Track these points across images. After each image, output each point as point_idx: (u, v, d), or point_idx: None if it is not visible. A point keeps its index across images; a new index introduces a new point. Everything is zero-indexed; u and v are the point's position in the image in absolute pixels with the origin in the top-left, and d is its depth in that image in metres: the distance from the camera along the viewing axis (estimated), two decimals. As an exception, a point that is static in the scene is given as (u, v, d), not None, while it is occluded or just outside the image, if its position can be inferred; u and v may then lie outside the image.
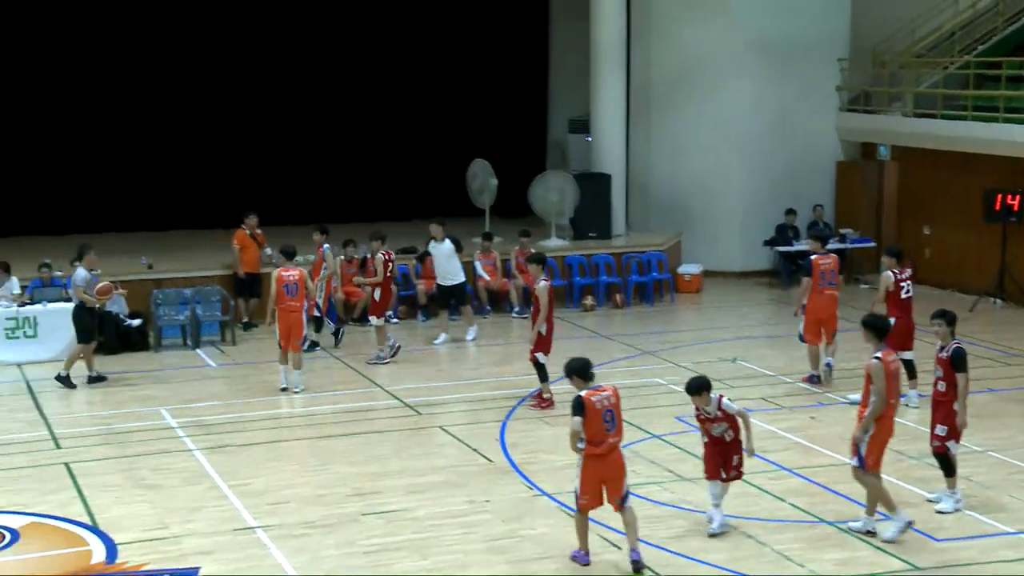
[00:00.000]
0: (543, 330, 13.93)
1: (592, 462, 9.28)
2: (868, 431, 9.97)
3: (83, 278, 15.25)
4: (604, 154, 21.92)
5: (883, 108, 22.48)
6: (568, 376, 9.54)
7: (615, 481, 9.37)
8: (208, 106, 23.40)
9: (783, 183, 22.63)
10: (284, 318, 14.78)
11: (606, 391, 9.33)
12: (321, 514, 10.72)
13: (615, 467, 9.36)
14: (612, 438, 9.30)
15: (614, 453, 9.34)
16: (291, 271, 14.92)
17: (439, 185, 23.52)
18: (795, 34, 22.42)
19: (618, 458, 9.39)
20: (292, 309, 14.80)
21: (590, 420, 9.19)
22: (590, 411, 9.18)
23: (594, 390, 9.32)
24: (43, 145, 22.56)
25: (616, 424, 9.32)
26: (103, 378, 15.41)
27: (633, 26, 22.61)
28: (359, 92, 24.44)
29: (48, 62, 22.36)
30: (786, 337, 17.78)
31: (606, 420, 9.23)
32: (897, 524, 9.99)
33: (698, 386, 10.07)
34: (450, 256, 17.44)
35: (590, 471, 9.31)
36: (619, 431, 9.37)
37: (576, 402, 9.27)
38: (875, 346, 10.15)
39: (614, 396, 9.34)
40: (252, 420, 13.79)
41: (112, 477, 11.79)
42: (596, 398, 9.25)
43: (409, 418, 13.83)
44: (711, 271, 22.24)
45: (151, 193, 23.12)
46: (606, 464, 9.30)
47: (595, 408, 9.20)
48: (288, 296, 14.80)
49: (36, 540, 10.23)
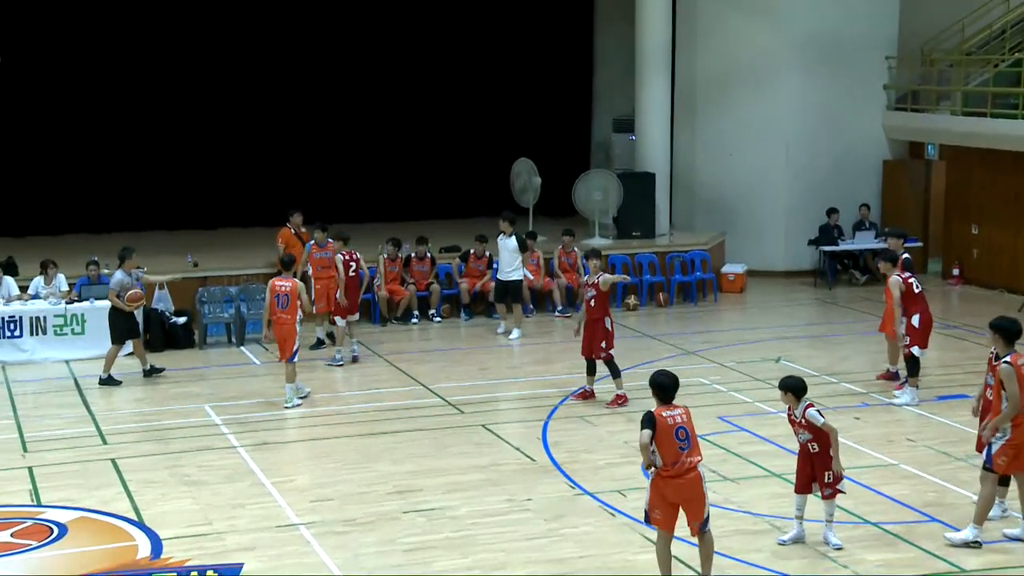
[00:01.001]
0: (609, 325, 13.92)
1: (662, 482, 8.76)
2: (1005, 435, 9.75)
3: (118, 282, 15.32)
4: (648, 153, 21.85)
5: (931, 107, 22.21)
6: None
7: (692, 503, 8.80)
8: (256, 105, 23.56)
9: (829, 183, 22.43)
10: (276, 330, 14.14)
11: (678, 409, 8.84)
12: (362, 511, 10.76)
13: (692, 488, 8.77)
14: (687, 458, 8.73)
15: (690, 474, 8.76)
16: (285, 281, 14.19)
17: (485, 184, 23.54)
18: (842, 33, 22.23)
19: (693, 480, 8.76)
20: (282, 321, 14.06)
21: (662, 438, 8.67)
22: (663, 427, 8.70)
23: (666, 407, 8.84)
24: (93, 144, 22.82)
25: (691, 443, 8.76)
26: (160, 369, 15.57)
27: (679, 26, 22.52)
28: (407, 91, 24.52)
29: (100, 62, 22.61)
30: (830, 337, 17.65)
31: (679, 438, 8.72)
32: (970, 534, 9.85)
33: (787, 385, 9.75)
34: (512, 252, 17.97)
35: (662, 492, 8.79)
36: (695, 452, 8.79)
37: (646, 416, 8.76)
38: (1003, 349, 9.87)
39: (685, 414, 8.85)
40: (295, 417, 13.87)
41: (157, 473, 11.90)
42: (667, 414, 8.77)
43: (451, 416, 13.85)
44: (755, 271, 22.09)
45: (197, 191, 23.33)
46: (680, 486, 8.73)
47: (667, 425, 8.70)
48: (278, 308, 14.05)
49: (83, 535, 10.35)
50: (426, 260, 19.21)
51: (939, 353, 16.22)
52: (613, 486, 11.34)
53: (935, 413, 13.66)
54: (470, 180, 24.33)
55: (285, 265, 14.71)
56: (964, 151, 21.59)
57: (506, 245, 18.00)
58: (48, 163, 22.62)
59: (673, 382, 8.96)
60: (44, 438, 13.11)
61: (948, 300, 20.68)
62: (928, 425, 13.28)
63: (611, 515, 10.63)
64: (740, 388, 14.84)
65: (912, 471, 11.69)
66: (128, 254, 15.54)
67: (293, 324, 14.08)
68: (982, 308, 19.45)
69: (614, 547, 9.93)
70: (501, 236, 18.12)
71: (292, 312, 14.06)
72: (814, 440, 9.74)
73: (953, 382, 14.61)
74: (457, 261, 19.55)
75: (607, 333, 13.92)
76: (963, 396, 14.21)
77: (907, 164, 22.99)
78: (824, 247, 21.70)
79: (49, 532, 10.38)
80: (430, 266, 19.23)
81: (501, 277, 18.10)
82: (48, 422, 13.78)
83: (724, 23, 22.38)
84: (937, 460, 12.05)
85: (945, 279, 22.12)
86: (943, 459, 12.06)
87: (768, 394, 14.42)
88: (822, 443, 9.72)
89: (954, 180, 22.32)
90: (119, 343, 15.44)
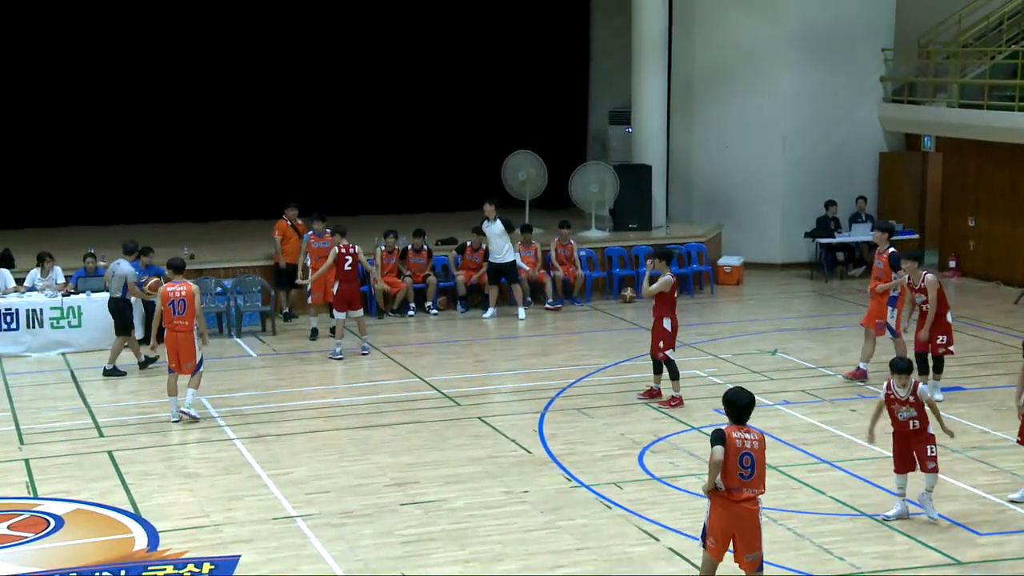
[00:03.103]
0: (668, 325, 13.54)
1: (718, 506, 8.23)
2: None
3: (132, 273, 15.40)
4: (645, 145, 21.84)
5: (928, 99, 22.21)
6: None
7: (745, 535, 8.23)
8: (252, 97, 23.52)
9: (825, 175, 22.43)
10: (171, 338, 13.17)
11: (751, 434, 8.26)
12: (359, 504, 10.77)
13: (747, 520, 8.23)
14: (748, 488, 8.18)
15: (747, 504, 8.20)
16: (178, 286, 13.21)
17: (481, 176, 23.49)
18: (839, 24, 22.20)
19: (750, 512, 8.22)
20: (179, 328, 13.11)
21: (726, 458, 8.16)
22: (729, 447, 8.15)
23: (738, 427, 8.28)
24: (90, 137, 22.78)
25: (756, 473, 8.18)
26: (154, 358, 15.41)
27: (675, 17, 22.50)
28: (403, 84, 24.48)
29: (98, 55, 22.54)
30: (827, 330, 17.66)
31: (742, 465, 8.16)
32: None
33: (900, 368, 10.18)
34: (501, 235, 18.33)
35: (715, 516, 8.27)
36: (758, 483, 8.22)
37: (716, 433, 8.28)
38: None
39: (758, 442, 8.24)
40: (292, 410, 13.87)
41: (154, 465, 11.90)
42: (737, 435, 8.20)
43: (448, 409, 13.86)
44: (752, 263, 22.10)
45: (194, 184, 23.28)
46: (735, 515, 8.20)
47: (734, 447, 8.16)
48: (174, 315, 13.13)
49: (80, 527, 10.35)
50: (423, 252, 19.21)
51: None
52: (610, 478, 11.35)
53: (931, 405, 13.65)
54: (466, 172, 24.28)
55: (176, 268, 13.55)
56: (961, 143, 21.59)
57: (493, 230, 18.37)
58: (45, 155, 22.57)
59: (746, 401, 8.35)
60: (41, 430, 13.11)
61: (945, 292, 20.62)
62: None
63: (608, 507, 10.64)
64: (737, 380, 14.79)
65: (908, 463, 11.71)
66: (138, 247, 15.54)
67: (191, 332, 13.16)
68: (979, 300, 19.49)
69: (611, 539, 9.95)
70: (486, 222, 18.44)
71: (189, 318, 13.13)
72: (917, 417, 10.12)
73: (949, 374, 14.61)
74: (454, 253, 19.55)
75: (664, 333, 13.59)
76: (958, 388, 14.28)
77: (904, 156, 22.99)
78: (821, 239, 21.71)
79: (46, 524, 10.38)
80: (427, 258, 19.23)
81: (493, 260, 18.44)
82: (45, 414, 13.78)
83: (721, 14, 22.35)
84: (933, 452, 12.06)
85: (942, 271, 22.11)
86: (940, 451, 12.06)
87: (764, 386, 14.44)
88: (923, 420, 10.12)
89: (951, 172, 22.32)
90: (125, 334, 15.40)
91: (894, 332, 14.46)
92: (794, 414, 13.47)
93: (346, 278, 16.21)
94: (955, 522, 10.18)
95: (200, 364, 13.31)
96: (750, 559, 8.28)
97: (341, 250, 16.20)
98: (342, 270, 16.18)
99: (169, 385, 13.29)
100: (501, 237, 18.36)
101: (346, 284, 16.21)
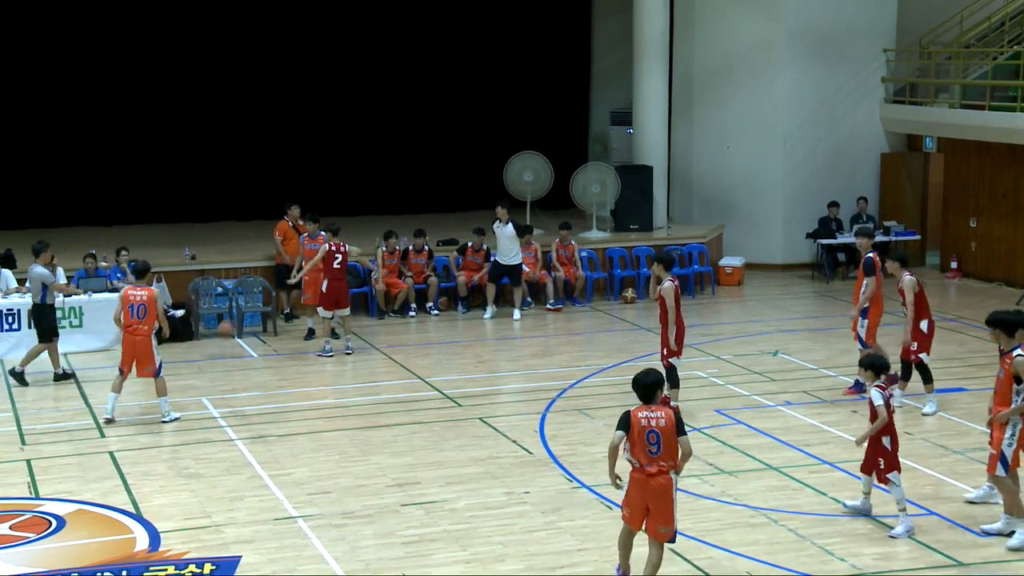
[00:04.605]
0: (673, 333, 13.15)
1: (634, 480, 8.74)
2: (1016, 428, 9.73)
3: (48, 275, 15.05)
4: (646, 146, 21.83)
5: (929, 99, 22.20)
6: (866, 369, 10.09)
7: (657, 508, 8.68)
8: (254, 98, 23.52)
9: (826, 175, 22.44)
10: (127, 341, 13.18)
11: (658, 412, 8.67)
12: (361, 504, 10.77)
13: (657, 494, 8.65)
14: (653, 463, 8.61)
15: (658, 479, 8.64)
16: (139, 291, 13.22)
17: (482, 177, 23.51)
18: (840, 24, 22.21)
19: (661, 486, 8.64)
20: (138, 332, 13.11)
21: (634, 438, 8.63)
22: (635, 427, 8.63)
23: (646, 407, 8.70)
24: (92, 138, 22.77)
25: (661, 449, 8.60)
26: (69, 375, 15.16)
27: (677, 17, 22.50)
28: (404, 84, 24.48)
29: (91, 55, 22.55)
30: (828, 331, 17.66)
31: (649, 441, 8.61)
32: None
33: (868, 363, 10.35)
34: (512, 238, 18.56)
35: (632, 489, 8.77)
36: (667, 457, 8.63)
37: (622, 417, 8.74)
38: (1007, 343, 9.89)
39: (666, 419, 8.64)
40: (293, 410, 13.88)
41: (155, 466, 11.91)
42: (643, 414, 8.66)
43: (449, 409, 13.86)
44: (753, 264, 22.10)
45: (196, 184, 23.28)
46: (648, 488, 8.66)
47: (640, 426, 8.62)
48: (134, 317, 13.12)
49: (81, 528, 10.36)
50: (424, 253, 19.22)
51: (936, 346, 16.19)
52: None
53: (932, 406, 13.65)
54: (467, 173, 24.30)
55: (138, 273, 13.59)
56: (962, 144, 21.59)
57: (504, 232, 18.48)
58: (46, 156, 22.56)
59: (651, 380, 8.76)
60: (42, 431, 13.11)
61: (946, 293, 20.68)
62: (925, 418, 13.29)
63: (608, 508, 10.64)
64: (737, 381, 14.86)
65: (909, 464, 11.67)
66: (44, 247, 15.18)
67: (149, 336, 13.14)
68: (980, 301, 19.46)
69: (612, 540, 9.91)
70: (497, 223, 18.54)
71: (149, 323, 13.13)
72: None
73: (950, 375, 14.62)
74: (455, 254, 19.55)
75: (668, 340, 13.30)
76: (960, 390, 14.27)
77: (905, 157, 22.99)
78: (821, 240, 21.70)
79: (48, 525, 10.39)
80: (428, 259, 19.24)
81: (501, 261, 18.56)
82: (46, 415, 13.78)
83: (722, 14, 22.34)
84: (934, 453, 12.08)
85: (943, 272, 22.13)
86: (940, 452, 12.09)
87: (765, 387, 14.45)
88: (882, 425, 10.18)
89: (952, 173, 22.31)
90: (47, 340, 15.05)
91: (863, 343, 13.82)
92: (795, 415, 13.47)
93: (335, 276, 16.15)
94: (957, 523, 10.17)
95: (160, 369, 13.28)
96: (663, 531, 8.74)
97: (332, 247, 16.15)
98: (331, 268, 16.12)
99: (114, 383, 13.35)
100: (512, 240, 18.51)
101: (335, 282, 16.13)
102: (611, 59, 25.17)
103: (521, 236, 18.73)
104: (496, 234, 18.67)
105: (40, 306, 15.18)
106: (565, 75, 25.70)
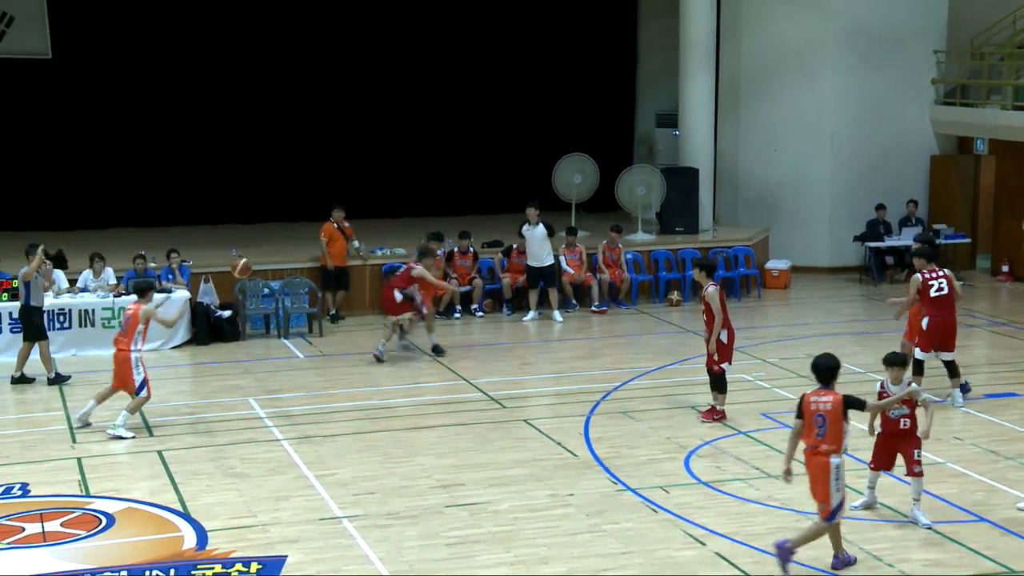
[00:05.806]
0: (724, 338, 13.06)
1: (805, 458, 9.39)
2: None
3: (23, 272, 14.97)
4: (692, 148, 21.74)
5: (981, 101, 21.92)
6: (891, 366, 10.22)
7: (815, 485, 9.35)
8: (300, 101, 23.70)
9: (875, 177, 22.22)
10: (114, 354, 13.07)
11: (827, 396, 9.30)
12: (405, 505, 10.79)
13: (815, 472, 9.31)
14: (818, 444, 9.24)
15: (819, 458, 9.25)
16: (131, 305, 13.18)
17: (528, 179, 23.51)
18: (890, 25, 21.99)
19: (818, 465, 9.25)
20: (120, 346, 12.97)
21: (806, 420, 9.29)
22: (806, 410, 9.27)
23: (817, 392, 9.34)
24: (142, 140, 23.05)
25: (827, 431, 9.22)
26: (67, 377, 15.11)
27: (723, 19, 22.38)
28: (452, 87, 24.56)
29: (154, 60, 22.83)
30: (875, 334, 17.48)
31: (816, 424, 9.25)
32: None
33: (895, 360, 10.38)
34: (543, 239, 18.36)
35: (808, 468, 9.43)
36: (829, 440, 9.22)
37: (798, 402, 9.41)
38: None
39: (834, 403, 9.25)
40: (338, 411, 13.94)
41: (202, 465, 12.00)
42: (814, 398, 9.29)
43: (493, 411, 13.86)
44: (799, 267, 21.93)
45: (241, 186, 23.49)
46: (809, 465, 9.36)
47: (809, 410, 9.27)
48: (119, 331, 13.21)
49: (130, 525, 10.46)
50: (469, 255, 19.25)
51: (987, 351, 16.03)
52: (656, 482, 11.30)
53: (982, 411, 13.49)
54: (513, 175, 24.30)
55: (137, 292, 13.38)
56: (1014, 146, 21.29)
57: (535, 234, 18.40)
58: (97, 159, 22.87)
59: (829, 365, 9.35)
60: (92, 429, 13.25)
61: (997, 297, 20.41)
62: (975, 423, 13.12)
63: (653, 511, 10.59)
64: (784, 385, 14.74)
65: (959, 470, 11.56)
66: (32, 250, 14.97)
67: (128, 352, 12.86)
68: (1031, 305, 19.19)
69: (657, 543, 9.90)
70: (527, 226, 18.47)
71: (128, 337, 12.90)
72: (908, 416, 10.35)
73: (1001, 380, 14.41)
74: (500, 256, 19.56)
75: (720, 346, 13.16)
76: (1011, 395, 14.07)
77: (955, 159, 22.71)
78: (869, 243, 21.48)
79: (98, 522, 10.50)
80: (473, 261, 19.26)
81: (534, 264, 18.44)
82: (96, 414, 13.91)
83: (768, 14, 22.20)
84: (985, 459, 11.92)
85: (994, 276, 21.84)
86: (991, 458, 11.92)
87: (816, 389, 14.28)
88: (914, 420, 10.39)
89: (1004, 175, 22.02)
90: (31, 341, 15.06)
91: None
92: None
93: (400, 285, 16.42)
94: (1010, 530, 10.01)
95: (141, 388, 12.94)
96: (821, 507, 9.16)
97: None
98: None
99: (100, 392, 13.28)
100: (543, 241, 18.39)
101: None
102: (657, 61, 25.09)
103: (552, 235, 18.52)
104: (526, 237, 18.53)
105: (25, 307, 15.19)
106: (611, 77, 25.67)
